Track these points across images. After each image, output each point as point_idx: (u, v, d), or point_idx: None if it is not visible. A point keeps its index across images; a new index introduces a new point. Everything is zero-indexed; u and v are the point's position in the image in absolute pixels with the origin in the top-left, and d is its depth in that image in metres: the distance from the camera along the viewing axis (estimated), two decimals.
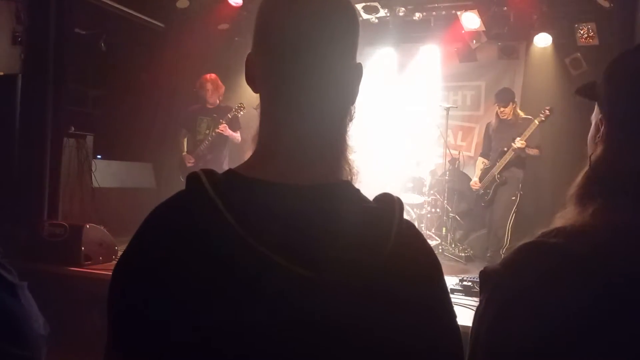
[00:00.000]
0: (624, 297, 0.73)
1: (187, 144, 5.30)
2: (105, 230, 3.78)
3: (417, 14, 5.98)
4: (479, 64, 6.25)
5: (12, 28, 4.97)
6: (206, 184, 0.66)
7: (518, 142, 4.81)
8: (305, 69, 0.71)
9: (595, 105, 0.91)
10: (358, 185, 0.76)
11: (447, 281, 0.77)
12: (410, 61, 6.44)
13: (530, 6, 5.51)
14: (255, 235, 0.63)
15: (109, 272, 0.74)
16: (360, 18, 5.74)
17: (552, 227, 0.83)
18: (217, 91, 5.17)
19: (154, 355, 0.63)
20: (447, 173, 5.54)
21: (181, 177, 5.12)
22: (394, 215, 0.69)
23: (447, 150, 5.62)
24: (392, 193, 0.73)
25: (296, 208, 0.67)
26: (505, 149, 4.95)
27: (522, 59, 6.05)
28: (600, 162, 0.86)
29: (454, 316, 0.73)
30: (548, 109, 4.80)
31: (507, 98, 4.97)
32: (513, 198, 4.98)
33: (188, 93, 5.60)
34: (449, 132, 5.92)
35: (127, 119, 5.94)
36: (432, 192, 5.60)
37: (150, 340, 0.63)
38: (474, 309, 0.85)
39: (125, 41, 6.14)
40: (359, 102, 0.78)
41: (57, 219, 3.99)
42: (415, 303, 0.68)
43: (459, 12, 5.78)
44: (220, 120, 5.02)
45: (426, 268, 0.72)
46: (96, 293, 2.86)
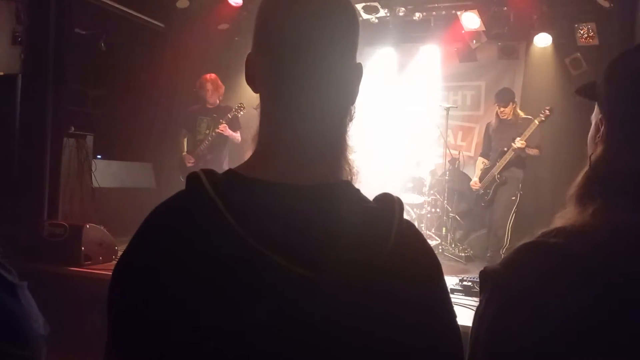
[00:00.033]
0: (624, 297, 0.73)
1: (187, 144, 5.30)
2: (105, 230, 3.78)
3: (417, 14, 5.98)
4: (479, 64, 6.26)
5: (12, 28, 4.97)
6: (206, 184, 0.66)
7: (518, 142, 4.81)
8: (305, 69, 0.71)
9: (595, 105, 0.91)
10: (358, 185, 0.76)
11: (447, 281, 0.77)
12: (410, 61, 6.44)
13: (530, 6, 5.51)
14: (255, 235, 0.63)
15: (109, 272, 0.74)
16: (360, 18, 5.74)
17: (552, 227, 0.83)
18: (217, 91, 5.17)
19: (154, 355, 0.63)
20: (447, 173, 5.54)
21: (181, 177, 5.12)
22: (394, 215, 0.69)
23: (447, 150, 5.62)
24: (392, 193, 0.73)
25: (296, 208, 0.67)
26: (505, 149, 4.95)
27: (522, 59, 6.05)
28: (600, 162, 0.86)
29: (454, 316, 0.73)
30: (548, 109, 4.81)
31: (507, 98, 4.97)
32: (513, 198, 4.99)
33: (188, 93, 5.60)
34: (449, 132, 5.92)
35: (127, 119, 5.94)
36: (432, 192, 5.60)
37: (150, 340, 0.63)
38: (474, 309, 0.85)
39: (125, 41, 6.14)
40: (359, 102, 0.78)
41: (57, 219, 3.99)
42: (415, 303, 0.68)
43: (459, 12, 5.78)
44: (220, 120, 5.02)
45: (426, 268, 0.72)
46: (96, 293, 2.86)
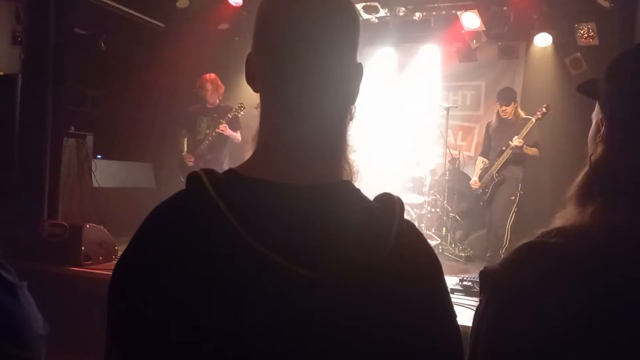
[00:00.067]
0: (624, 297, 0.73)
1: (187, 144, 5.30)
2: (105, 230, 3.78)
3: (417, 14, 5.98)
4: (479, 64, 6.26)
5: (12, 28, 4.97)
6: (207, 184, 0.66)
7: (515, 140, 4.82)
8: (305, 68, 0.71)
9: (596, 104, 0.91)
10: (358, 185, 0.76)
11: (447, 281, 0.77)
12: (410, 61, 6.44)
13: (530, 6, 5.51)
14: (255, 235, 0.63)
15: (109, 272, 0.74)
16: (360, 18, 5.70)
17: (552, 227, 0.83)
18: (217, 91, 5.17)
19: (154, 355, 0.63)
20: (447, 173, 5.54)
21: (181, 177, 5.12)
22: (394, 215, 0.69)
23: (447, 150, 5.62)
24: (392, 193, 0.73)
25: (296, 208, 0.67)
26: (504, 147, 4.95)
27: (522, 59, 6.05)
28: (601, 162, 0.86)
29: (454, 316, 0.73)
30: (545, 107, 4.81)
31: (509, 97, 4.98)
32: (512, 198, 4.98)
33: (188, 93, 5.60)
34: (449, 132, 5.92)
35: (127, 119, 5.94)
36: (432, 192, 5.60)
37: (150, 340, 0.63)
38: (474, 309, 0.85)
39: (125, 41, 6.14)
40: (359, 102, 0.78)
41: (57, 218, 3.99)
42: (415, 303, 0.67)
43: (459, 12, 5.78)
44: (220, 120, 5.02)
45: (426, 268, 0.72)
46: (96, 293, 2.85)
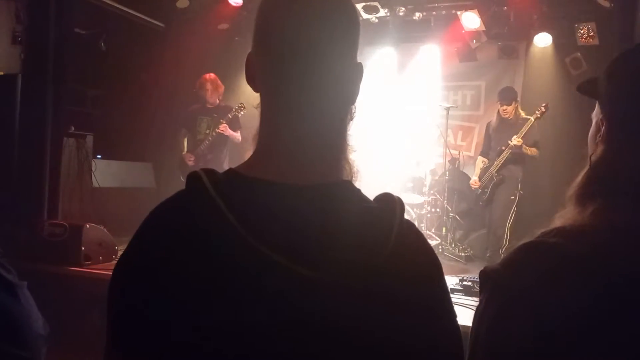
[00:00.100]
0: (624, 297, 0.73)
1: (187, 144, 5.30)
2: (105, 230, 3.78)
3: (417, 14, 5.98)
4: (479, 64, 6.25)
5: (12, 27, 4.96)
6: (207, 184, 0.66)
7: (515, 140, 4.81)
8: (305, 68, 0.71)
9: (597, 104, 0.91)
10: (358, 185, 0.76)
11: (447, 281, 0.77)
12: (410, 61, 6.43)
13: (530, 6, 5.51)
14: (255, 235, 0.63)
15: (109, 272, 0.74)
16: (360, 18, 5.71)
17: (552, 227, 0.83)
18: (217, 91, 5.17)
19: (154, 355, 0.63)
20: (447, 173, 5.54)
21: (181, 176, 5.12)
22: (394, 215, 0.69)
23: (447, 150, 5.62)
24: (392, 193, 0.73)
25: (297, 208, 0.67)
26: (503, 147, 4.95)
27: (522, 59, 6.05)
28: (601, 162, 0.86)
29: (454, 316, 0.73)
30: (544, 106, 4.81)
31: (510, 97, 4.98)
32: (512, 197, 4.98)
33: (188, 93, 5.60)
34: (449, 131, 5.92)
35: (127, 118, 5.94)
36: (432, 192, 5.60)
37: (150, 340, 0.63)
38: (474, 309, 0.85)
39: (125, 41, 6.14)
40: (359, 101, 0.78)
41: (57, 218, 3.99)
42: (416, 303, 0.67)
43: (459, 12, 5.78)
44: (220, 120, 5.02)
45: (426, 268, 0.72)
46: (96, 293, 2.86)
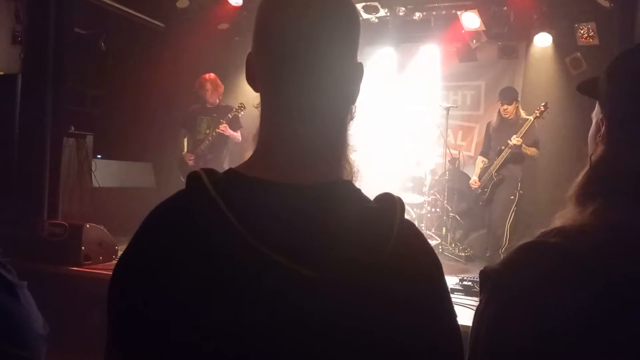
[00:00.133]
0: (624, 297, 0.73)
1: (187, 144, 5.30)
2: (105, 230, 3.78)
3: (417, 14, 5.98)
4: (479, 64, 6.25)
5: (12, 27, 4.97)
6: (207, 184, 0.66)
7: (514, 139, 4.81)
8: (305, 68, 0.71)
9: (597, 104, 0.91)
10: (358, 184, 0.76)
11: (447, 281, 0.77)
12: (410, 61, 6.43)
13: (530, 6, 5.51)
14: (256, 235, 0.63)
15: (109, 272, 0.74)
16: (360, 18, 5.71)
17: (552, 226, 0.83)
18: (217, 91, 5.17)
19: (154, 355, 0.63)
20: (447, 173, 5.54)
21: (181, 176, 5.12)
22: (395, 215, 0.69)
23: (447, 150, 5.62)
24: (392, 193, 0.73)
25: (297, 207, 0.67)
26: (503, 147, 4.95)
27: (522, 59, 6.04)
28: (601, 162, 0.86)
29: (454, 316, 0.73)
30: (543, 105, 4.81)
31: (511, 96, 4.98)
32: (512, 197, 4.98)
33: (188, 93, 5.60)
34: (449, 131, 5.92)
35: (127, 118, 5.94)
36: (432, 191, 5.60)
37: (150, 340, 0.63)
38: (474, 309, 0.85)
39: (125, 41, 6.14)
40: (359, 101, 0.78)
41: (57, 218, 3.99)
42: (416, 303, 0.67)
43: (459, 12, 5.78)
44: (220, 119, 5.02)
45: (426, 268, 0.72)
46: (96, 293, 2.85)
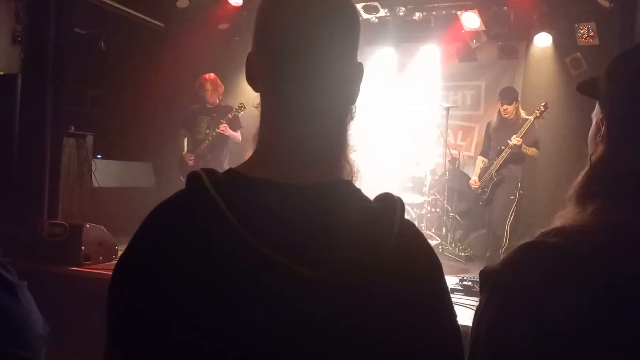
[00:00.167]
0: (624, 297, 0.73)
1: (187, 144, 5.30)
2: (105, 230, 3.78)
3: (417, 14, 5.98)
4: (479, 64, 6.25)
5: (12, 27, 4.97)
6: (207, 184, 0.66)
7: (514, 139, 4.81)
8: (305, 68, 0.71)
9: (597, 104, 0.91)
10: (358, 184, 0.76)
11: (447, 281, 0.77)
12: (410, 61, 6.44)
13: (530, 6, 5.51)
14: (256, 235, 0.63)
15: (109, 272, 0.74)
16: (360, 18, 5.71)
17: (551, 226, 0.83)
18: (217, 91, 5.17)
19: (154, 355, 0.63)
20: (447, 173, 5.54)
21: (181, 176, 5.12)
22: (395, 215, 0.69)
23: (447, 150, 5.62)
24: (392, 193, 0.73)
25: (297, 207, 0.67)
26: (503, 147, 4.95)
27: (522, 59, 6.05)
28: (601, 162, 0.86)
29: (454, 316, 0.73)
30: (543, 105, 4.81)
31: (511, 96, 4.98)
32: (512, 197, 4.98)
33: (188, 93, 5.60)
34: (449, 131, 5.92)
35: (127, 118, 5.95)
36: (432, 191, 5.60)
37: (150, 340, 0.63)
38: (474, 309, 0.85)
39: (125, 41, 6.14)
40: (359, 101, 0.78)
41: (57, 218, 3.99)
42: (416, 303, 0.67)
43: (459, 12, 5.79)
44: (220, 120, 5.02)
45: (426, 267, 0.72)
46: (96, 293, 2.85)
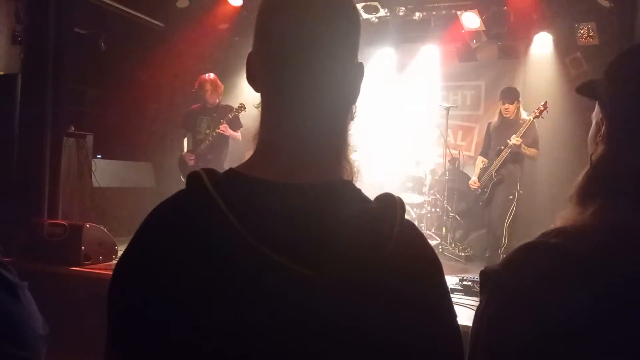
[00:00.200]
0: (624, 297, 0.73)
1: (187, 144, 5.30)
2: (105, 230, 3.78)
3: (417, 14, 5.99)
4: (479, 64, 6.26)
5: (12, 27, 4.97)
6: (207, 184, 0.66)
7: (514, 139, 4.81)
8: (306, 69, 0.71)
9: (596, 104, 0.91)
10: (358, 184, 0.76)
11: (447, 281, 0.77)
12: (410, 61, 6.44)
13: (530, 6, 5.51)
14: (256, 235, 0.63)
15: (109, 272, 0.74)
16: (360, 18, 5.73)
17: (552, 227, 0.83)
18: (217, 91, 5.17)
19: (154, 355, 0.63)
20: (447, 173, 5.54)
21: (181, 176, 5.12)
22: (395, 215, 0.69)
23: (447, 150, 5.62)
24: (392, 193, 0.73)
25: (297, 207, 0.67)
26: (502, 147, 4.95)
27: (522, 59, 6.05)
28: (601, 162, 0.86)
29: (454, 316, 0.73)
30: (542, 105, 4.81)
31: (512, 96, 4.98)
32: (511, 197, 4.97)
33: (188, 93, 5.60)
34: (449, 131, 5.92)
35: (127, 118, 5.95)
36: (432, 191, 5.61)
37: (150, 340, 0.63)
38: (474, 309, 0.85)
39: (124, 41, 6.14)
40: (359, 101, 0.78)
41: (57, 218, 3.99)
42: (416, 302, 0.68)
43: (459, 12, 5.79)
44: (220, 120, 5.02)
45: (427, 267, 0.72)
46: (96, 293, 2.86)
